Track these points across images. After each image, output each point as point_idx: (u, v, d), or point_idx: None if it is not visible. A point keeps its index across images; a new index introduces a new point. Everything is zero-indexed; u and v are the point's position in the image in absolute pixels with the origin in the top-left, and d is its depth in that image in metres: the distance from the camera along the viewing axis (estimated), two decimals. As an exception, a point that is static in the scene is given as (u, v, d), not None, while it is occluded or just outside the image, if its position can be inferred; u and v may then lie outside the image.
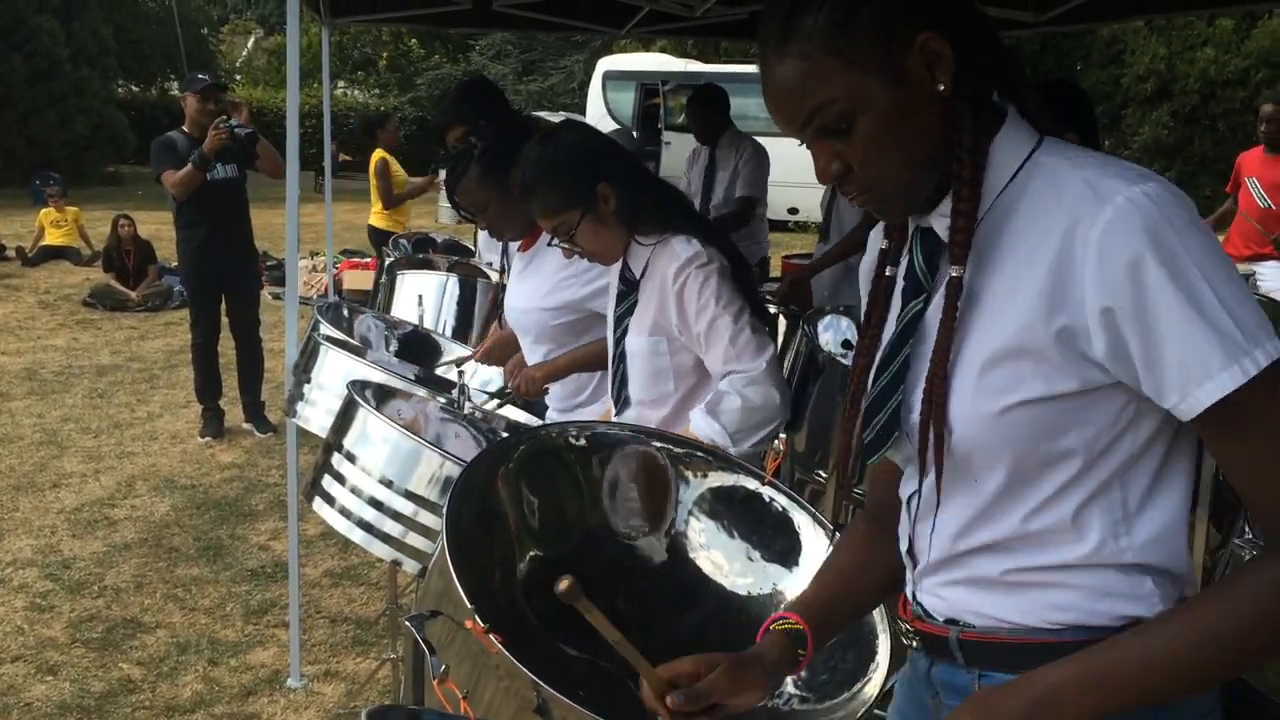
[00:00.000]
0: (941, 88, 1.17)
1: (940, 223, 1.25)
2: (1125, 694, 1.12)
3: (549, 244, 2.48)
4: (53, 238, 12.65)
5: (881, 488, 1.48)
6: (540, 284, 2.83)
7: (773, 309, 3.81)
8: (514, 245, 3.01)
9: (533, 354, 2.94)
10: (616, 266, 2.46)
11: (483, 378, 3.44)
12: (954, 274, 1.19)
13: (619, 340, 2.43)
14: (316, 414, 2.72)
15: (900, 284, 1.33)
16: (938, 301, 1.25)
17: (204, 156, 5.94)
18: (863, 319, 1.37)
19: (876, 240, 1.39)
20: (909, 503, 1.37)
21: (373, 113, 13.25)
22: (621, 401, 2.45)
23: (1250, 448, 1.10)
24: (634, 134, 18.63)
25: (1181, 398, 1.10)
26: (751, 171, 5.73)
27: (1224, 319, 1.07)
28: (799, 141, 1.24)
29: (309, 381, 2.80)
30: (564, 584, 1.24)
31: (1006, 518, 1.24)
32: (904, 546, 1.38)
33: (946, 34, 1.16)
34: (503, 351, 3.18)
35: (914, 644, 1.39)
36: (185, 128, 6.15)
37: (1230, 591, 1.11)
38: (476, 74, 5.33)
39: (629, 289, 2.40)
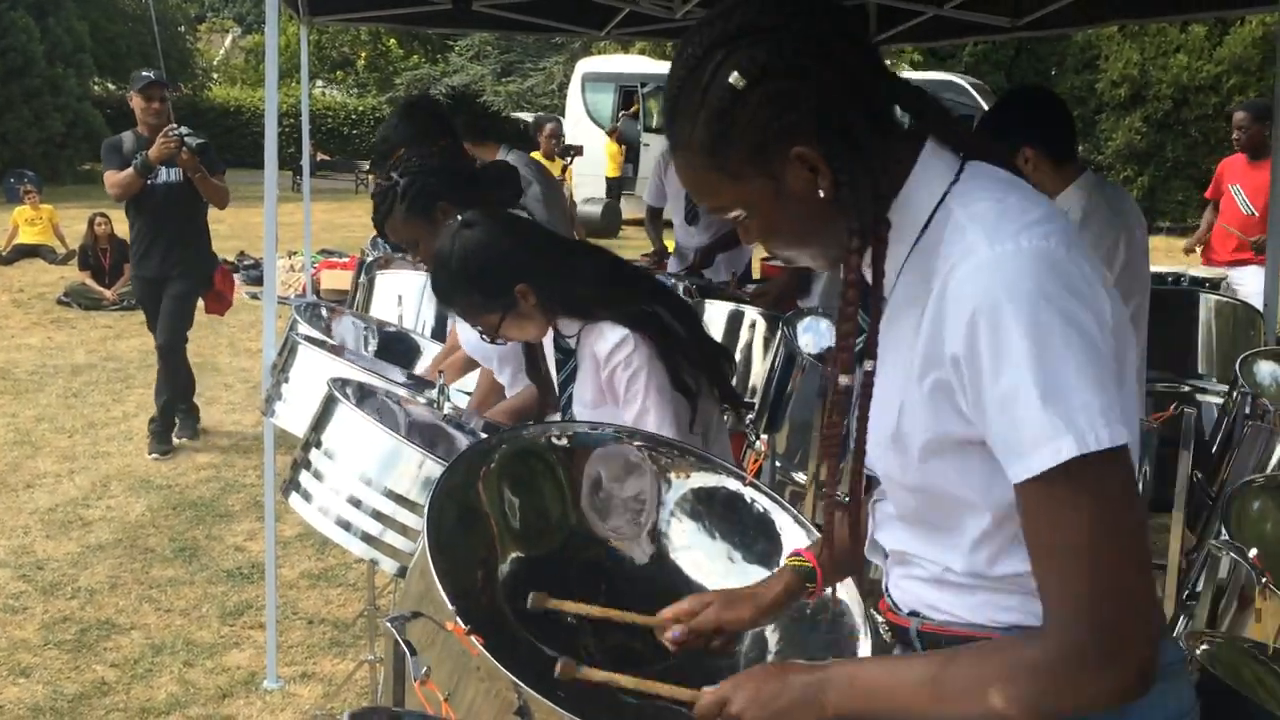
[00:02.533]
0: (822, 194, 1.18)
1: (866, 271, 1.25)
2: (872, 707, 1.20)
3: (474, 327, 2.43)
4: (27, 236, 12.55)
5: None
6: None
7: (755, 312, 3.84)
8: None
9: (500, 375, 2.96)
10: None
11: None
12: (843, 382, 1.19)
13: (565, 407, 2.42)
14: (294, 414, 2.70)
15: None
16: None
17: (146, 162, 5.64)
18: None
19: None
20: (874, 502, 1.42)
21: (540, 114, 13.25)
22: None
23: (1039, 526, 1.11)
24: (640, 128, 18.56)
25: (1004, 465, 1.12)
26: None
27: (1032, 403, 1.05)
28: None
29: (287, 381, 2.79)
30: (533, 599, 1.56)
31: (941, 555, 1.28)
32: (870, 538, 1.42)
33: (822, 144, 1.16)
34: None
35: (888, 634, 1.44)
36: (138, 128, 5.92)
37: (987, 659, 1.15)
38: (420, 95, 5.17)
39: (566, 357, 2.37)
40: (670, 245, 5.98)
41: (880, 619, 1.45)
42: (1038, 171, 3.00)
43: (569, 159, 11.60)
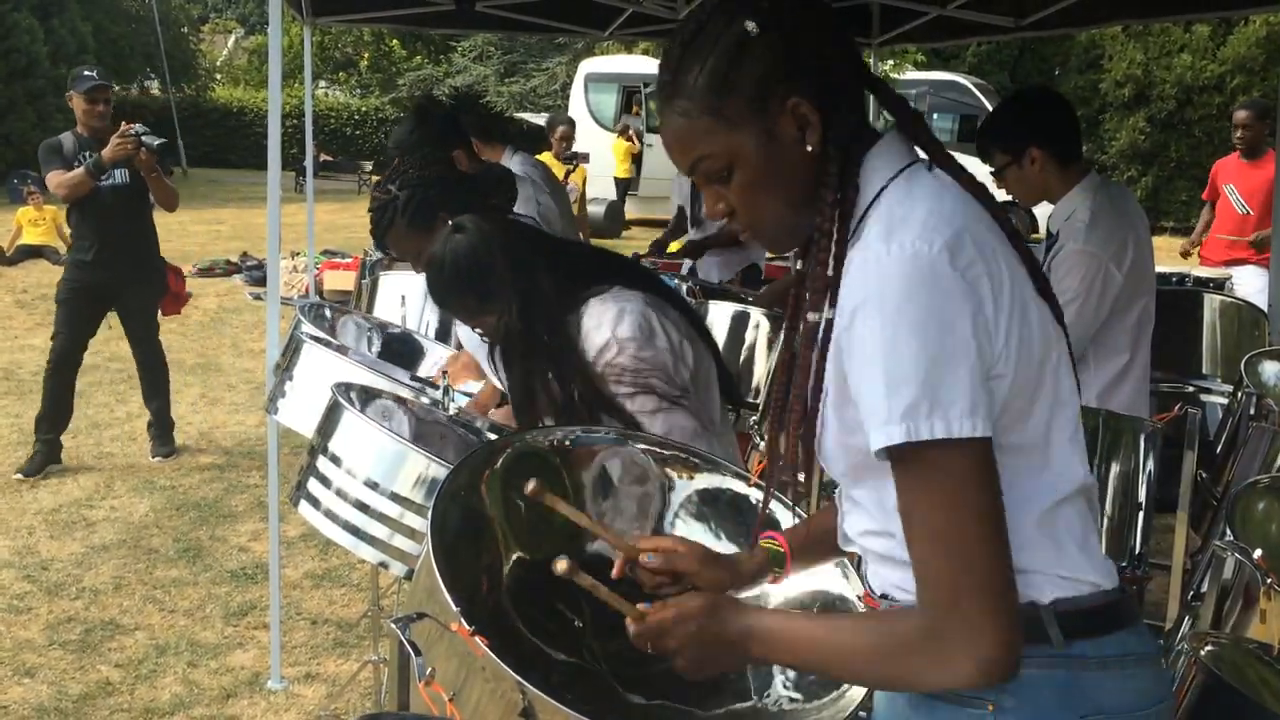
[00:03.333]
0: (810, 148, 1.29)
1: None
2: (788, 660, 1.36)
3: (472, 328, 2.43)
4: (31, 236, 12.57)
5: None
6: None
7: (759, 313, 3.84)
8: None
9: (495, 374, 2.96)
10: None
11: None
12: (811, 318, 1.29)
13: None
14: (298, 412, 2.70)
15: None
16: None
17: (100, 163, 5.31)
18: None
19: None
20: (838, 490, 1.45)
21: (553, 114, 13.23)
22: None
23: (901, 505, 1.21)
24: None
25: (866, 435, 1.20)
26: None
27: (877, 388, 1.17)
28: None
29: (291, 379, 2.79)
30: (560, 565, 1.40)
31: (878, 523, 1.33)
32: (839, 529, 1.45)
33: (816, 98, 1.28)
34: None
35: None
36: (78, 128, 5.63)
37: (878, 626, 1.28)
38: (431, 99, 5.02)
39: None
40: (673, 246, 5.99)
41: (863, 607, 1.48)
42: (1044, 172, 3.00)
43: (573, 165, 11.63)
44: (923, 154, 1.34)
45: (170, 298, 6.18)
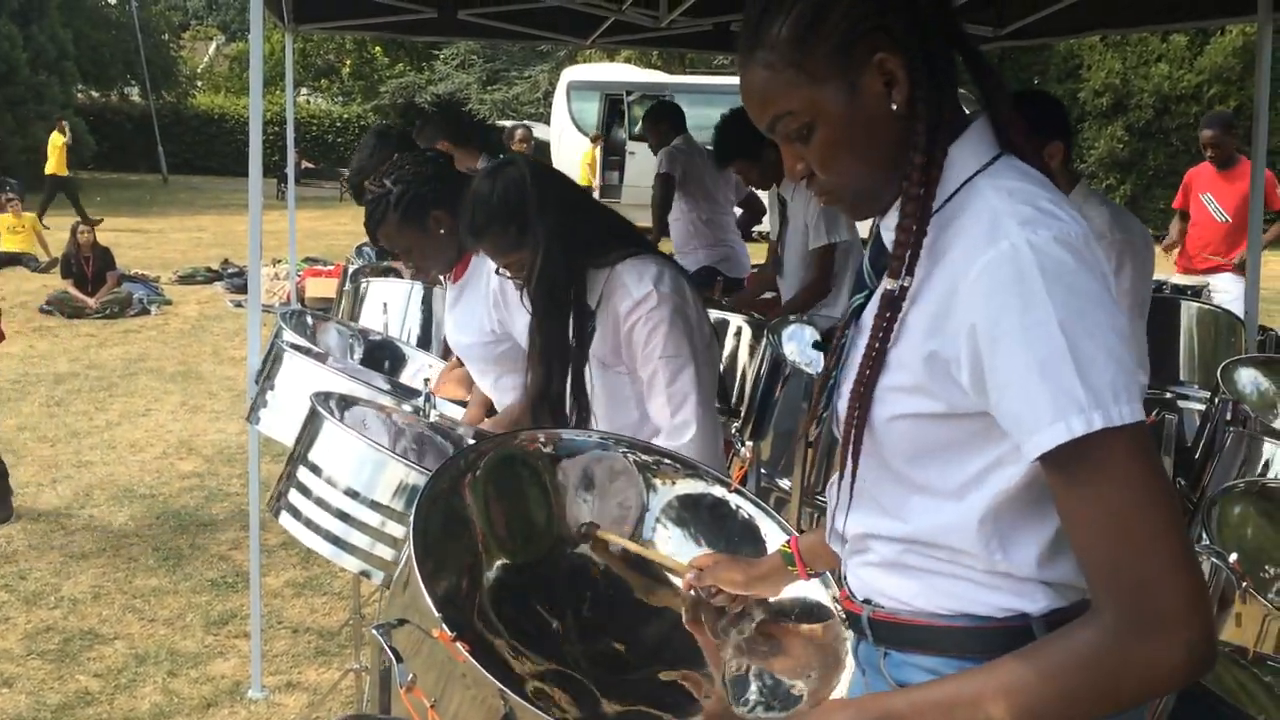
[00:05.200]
0: (894, 106, 1.22)
1: (888, 230, 1.29)
2: None
3: (496, 272, 2.47)
4: (9, 244, 12.50)
5: None
6: (474, 313, 2.84)
7: (740, 319, 3.85)
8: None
9: (482, 380, 2.97)
10: None
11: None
12: (888, 286, 1.22)
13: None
14: (280, 421, 2.70)
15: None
16: (875, 301, 1.30)
17: None
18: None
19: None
20: (837, 484, 1.40)
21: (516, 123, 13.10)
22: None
23: (1073, 502, 1.11)
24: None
25: (1018, 441, 1.13)
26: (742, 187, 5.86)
27: (1066, 375, 1.08)
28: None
29: (272, 388, 2.79)
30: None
31: (898, 522, 1.30)
32: (830, 526, 1.43)
33: (904, 54, 1.21)
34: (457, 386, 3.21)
35: (844, 622, 1.49)
36: None
37: (1050, 651, 1.13)
38: (389, 125, 4.97)
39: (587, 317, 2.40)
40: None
41: (838, 607, 1.51)
42: (1058, 170, 3.03)
43: None
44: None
45: None
